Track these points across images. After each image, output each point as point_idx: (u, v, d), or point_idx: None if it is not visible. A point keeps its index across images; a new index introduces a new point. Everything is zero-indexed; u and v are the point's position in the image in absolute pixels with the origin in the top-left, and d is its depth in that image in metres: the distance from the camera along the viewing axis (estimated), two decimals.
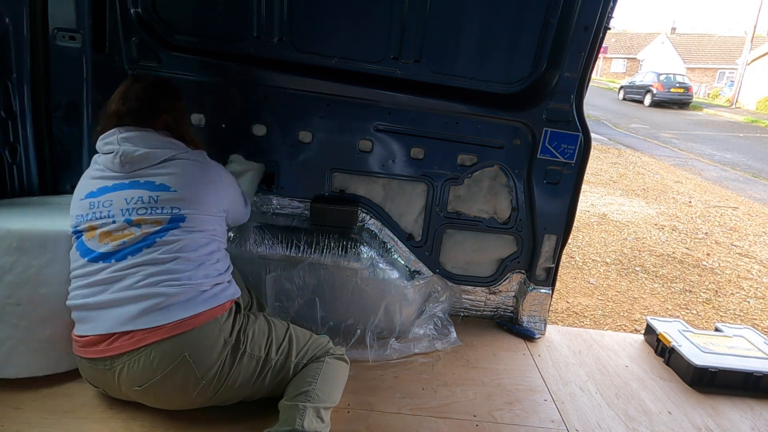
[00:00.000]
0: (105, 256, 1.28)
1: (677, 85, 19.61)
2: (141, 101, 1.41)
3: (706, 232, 5.05)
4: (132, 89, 1.43)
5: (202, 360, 1.27)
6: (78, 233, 1.33)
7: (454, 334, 2.01)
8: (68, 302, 1.32)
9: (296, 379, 1.41)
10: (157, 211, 1.30)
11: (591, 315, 3.13)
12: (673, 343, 1.99)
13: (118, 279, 1.26)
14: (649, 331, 2.16)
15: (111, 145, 1.35)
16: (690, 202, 6.26)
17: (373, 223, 2.05)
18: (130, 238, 1.28)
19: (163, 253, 1.28)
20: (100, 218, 1.30)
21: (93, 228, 1.30)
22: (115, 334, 1.24)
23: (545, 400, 1.69)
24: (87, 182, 1.38)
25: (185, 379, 1.27)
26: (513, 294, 2.18)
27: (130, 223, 1.28)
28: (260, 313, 1.52)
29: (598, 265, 3.97)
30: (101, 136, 1.39)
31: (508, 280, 2.15)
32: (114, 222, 1.29)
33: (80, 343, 1.29)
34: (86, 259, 1.29)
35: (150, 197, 1.30)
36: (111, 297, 1.25)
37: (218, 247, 1.42)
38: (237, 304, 1.43)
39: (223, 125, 1.91)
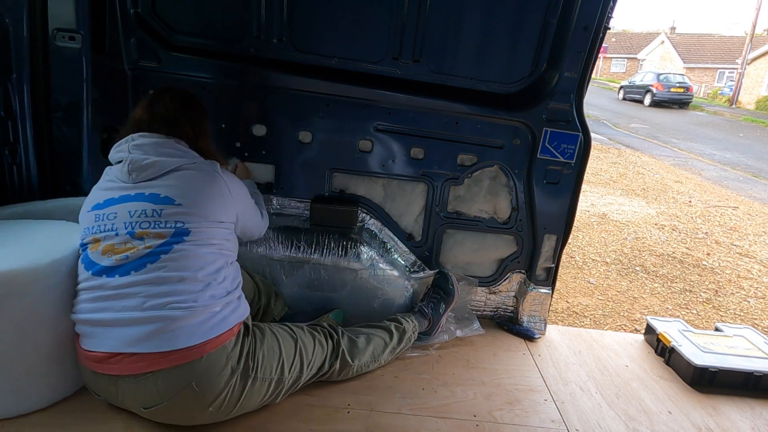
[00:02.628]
0: (108, 270, 1.24)
1: (677, 84, 19.62)
2: (167, 108, 1.41)
3: (706, 232, 5.05)
4: (160, 96, 1.44)
5: (210, 388, 1.25)
6: (84, 246, 1.30)
7: (477, 323, 2.05)
8: (72, 316, 1.29)
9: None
10: (161, 225, 1.26)
11: (591, 315, 3.13)
12: (673, 343, 1.99)
13: (122, 297, 1.22)
14: (649, 330, 2.16)
15: (121, 153, 1.33)
16: (690, 201, 6.26)
17: (373, 223, 2.05)
18: (133, 252, 1.23)
19: (167, 270, 1.23)
20: (104, 231, 1.27)
21: (97, 240, 1.27)
22: (120, 353, 1.21)
23: (545, 400, 1.68)
24: (95, 193, 1.36)
25: (193, 405, 1.26)
26: (513, 294, 2.18)
27: (132, 236, 1.25)
28: (266, 325, 1.46)
29: (598, 264, 3.97)
30: (114, 145, 1.37)
31: (508, 280, 2.15)
32: (117, 235, 1.25)
33: (84, 356, 1.27)
34: (90, 272, 1.26)
35: (153, 210, 1.27)
36: (115, 316, 1.21)
37: (226, 262, 1.36)
38: (245, 324, 1.38)
39: (223, 125, 1.91)
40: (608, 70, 38.43)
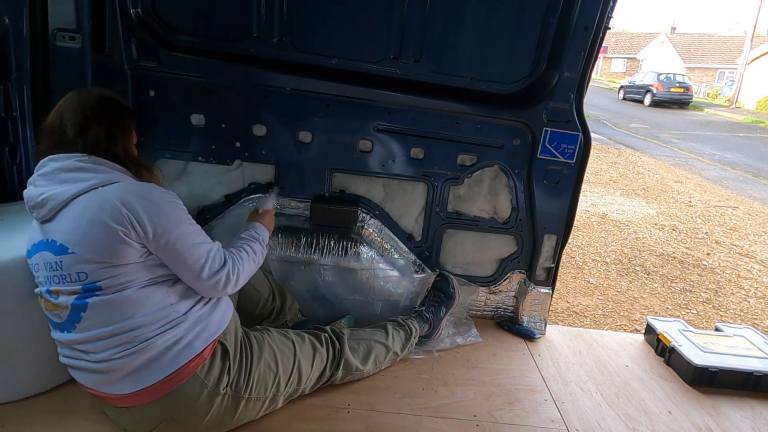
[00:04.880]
0: (56, 326, 1.20)
1: (677, 84, 19.60)
2: (76, 109, 1.19)
3: (706, 232, 5.05)
4: (70, 101, 1.21)
5: (191, 418, 1.23)
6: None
7: (474, 330, 2.03)
8: None
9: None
10: (67, 281, 1.12)
11: (591, 315, 3.13)
12: (674, 343, 1.99)
13: (73, 350, 1.18)
14: (650, 330, 2.16)
15: (28, 187, 1.18)
16: (690, 201, 6.26)
17: (373, 223, 2.05)
18: (61, 312, 1.15)
19: (95, 328, 1.13)
20: (38, 285, 1.20)
21: (38, 295, 1.21)
22: (95, 389, 1.21)
23: (545, 400, 1.68)
24: (29, 235, 1.23)
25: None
26: (513, 294, 2.18)
27: (50, 294, 1.16)
28: (266, 337, 1.41)
29: (598, 264, 3.97)
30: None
31: (508, 280, 2.15)
32: (46, 291, 1.17)
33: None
34: (48, 321, 1.23)
35: (56, 263, 1.12)
36: (77, 364, 1.19)
37: (166, 291, 1.19)
38: (222, 344, 1.27)
39: (223, 125, 1.91)
40: (608, 70, 38.43)
